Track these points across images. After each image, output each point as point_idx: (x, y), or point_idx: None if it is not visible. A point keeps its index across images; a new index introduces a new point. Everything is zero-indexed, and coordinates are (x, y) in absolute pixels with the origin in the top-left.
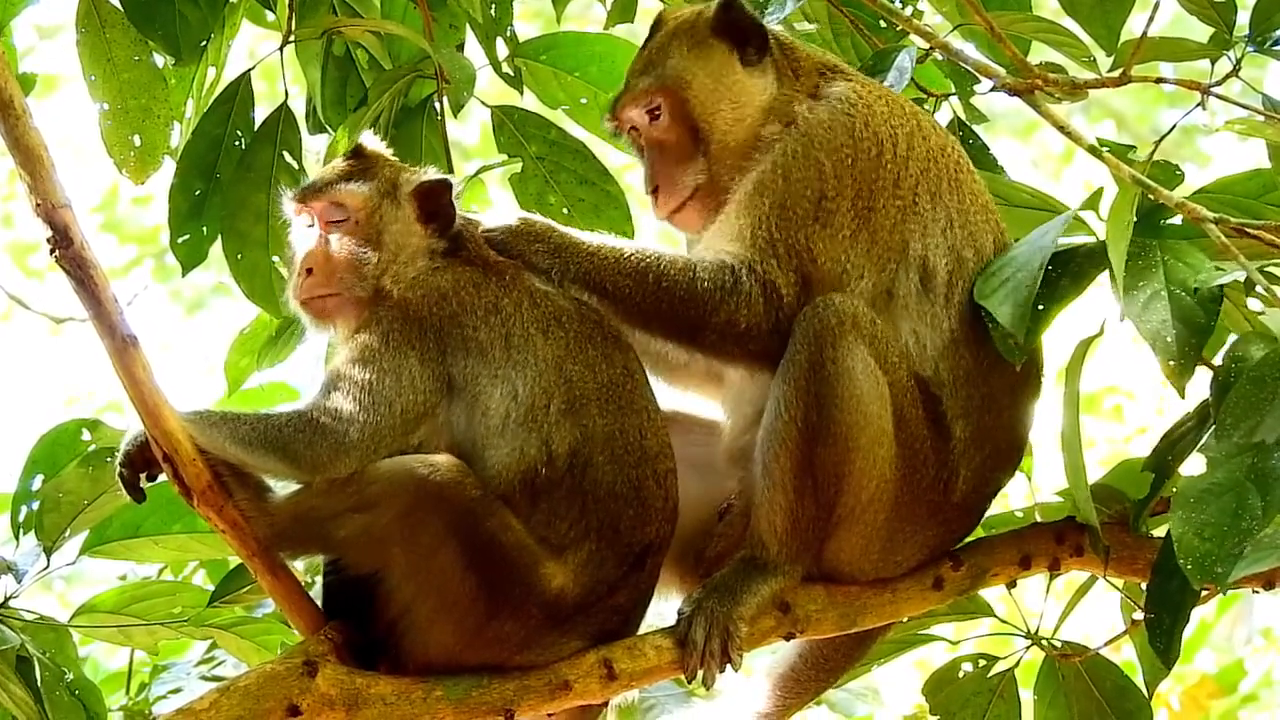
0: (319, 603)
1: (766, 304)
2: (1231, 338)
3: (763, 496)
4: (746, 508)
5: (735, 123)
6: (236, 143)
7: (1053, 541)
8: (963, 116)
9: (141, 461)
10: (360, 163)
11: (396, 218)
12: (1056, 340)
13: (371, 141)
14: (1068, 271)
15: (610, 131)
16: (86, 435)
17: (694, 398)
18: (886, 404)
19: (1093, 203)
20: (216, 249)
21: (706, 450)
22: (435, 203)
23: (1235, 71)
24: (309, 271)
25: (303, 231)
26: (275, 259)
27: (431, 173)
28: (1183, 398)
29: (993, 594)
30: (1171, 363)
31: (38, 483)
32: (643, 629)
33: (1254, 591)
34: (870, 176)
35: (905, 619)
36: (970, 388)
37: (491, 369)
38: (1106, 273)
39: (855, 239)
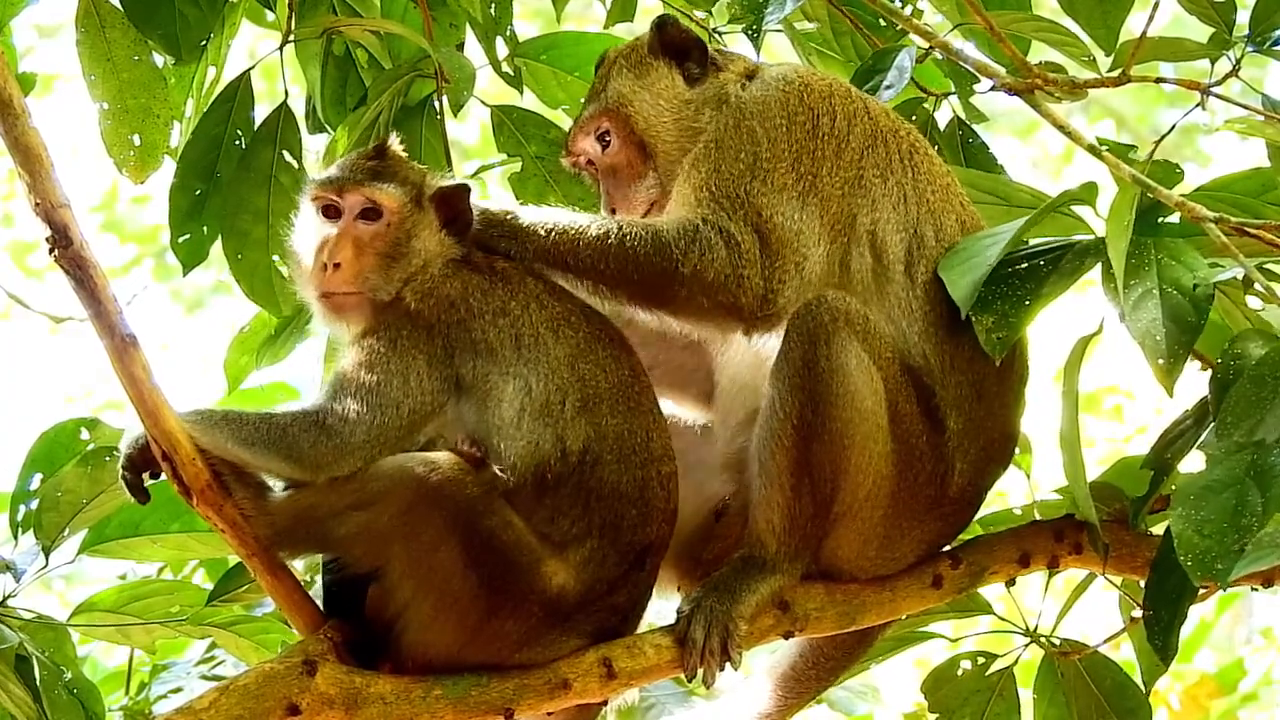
0: (318, 602)
1: (729, 251)
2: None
3: (760, 495)
4: (743, 508)
5: (680, 134)
6: (236, 142)
7: (1052, 539)
8: (962, 116)
9: (142, 463)
10: (388, 163)
11: (423, 224)
12: (1056, 339)
13: (394, 142)
14: (1058, 267)
15: (569, 169)
16: (85, 434)
17: (687, 405)
18: (881, 399)
19: (1086, 194)
20: (216, 248)
21: (701, 454)
22: (454, 208)
23: (1235, 71)
24: (336, 266)
25: (318, 223)
26: (275, 258)
27: (449, 177)
28: (1171, 397)
29: (992, 592)
30: (1160, 361)
31: (36, 482)
32: (641, 628)
33: (1253, 589)
34: (808, 146)
35: (904, 617)
36: (957, 374)
37: (502, 367)
38: (1099, 271)
39: (804, 202)
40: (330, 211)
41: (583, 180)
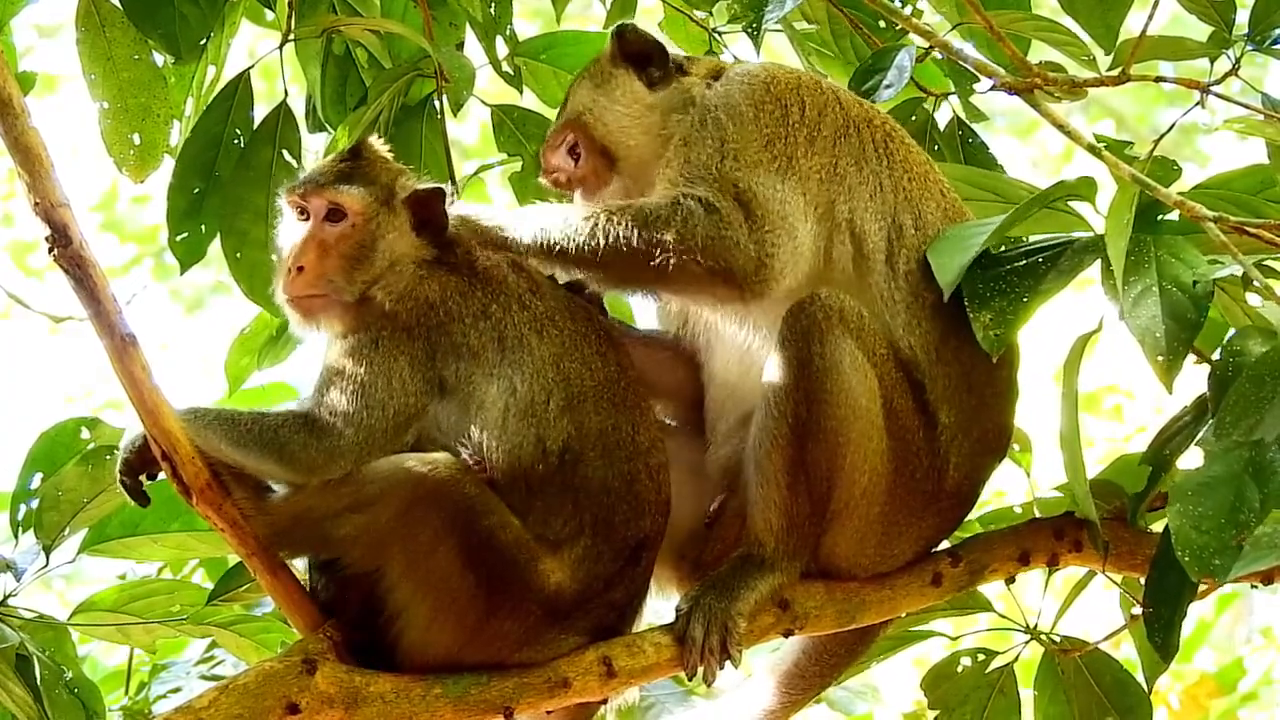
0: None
1: (709, 215)
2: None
3: (757, 494)
4: (738, 510)
5: (646, 138)
6: (236, 141)
7: (1051, 537)
8: (962, 115)
9: (140, 464)
10: (360, 164)
11: (392, 225)
12: (1055, 338)
13: (373, 142)
14: (1057, 264)
15: (549, 188)
16: (86, 433)
17: (680, 412)
18: (875, 396)
19: (1082, 188)
20: (215, 247)
21: (695, 458)
22: (429, 211)
23: (1234, 70)
24: (299, 269)
25: (293, 225)
26: (275, 258)
27: (425, 180)
28: (1170, 393)
29: (992, 590)
30: (1160, 358)
31: (37, 481)
32: (640, 626)
33: (1253, 587)
34: (779, 133)
35: (904, 614)
36: (945, 367)
37: (485, 369)
38: (1099, 269)
39: (783, 178)
40: (301, 214)
41: (562, 197)
